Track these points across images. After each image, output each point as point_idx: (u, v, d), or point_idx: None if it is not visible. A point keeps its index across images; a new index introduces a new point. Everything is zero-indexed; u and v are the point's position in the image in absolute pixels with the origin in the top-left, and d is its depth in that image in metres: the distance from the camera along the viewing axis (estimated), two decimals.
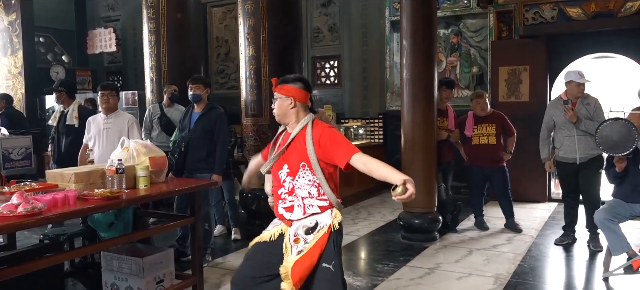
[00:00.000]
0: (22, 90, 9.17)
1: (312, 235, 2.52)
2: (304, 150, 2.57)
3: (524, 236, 5.56)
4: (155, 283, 3.61)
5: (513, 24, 7.61)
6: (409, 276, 4.37)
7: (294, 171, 2.60)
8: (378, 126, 8.66)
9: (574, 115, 4.88)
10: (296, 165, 2.59)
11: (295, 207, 2.60)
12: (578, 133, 4.92)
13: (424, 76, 5.26)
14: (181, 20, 6.67)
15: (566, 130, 5.01)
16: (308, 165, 2.56)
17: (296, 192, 2.59)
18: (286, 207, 2.63)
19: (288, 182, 2.61)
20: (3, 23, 9.29)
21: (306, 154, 2.56)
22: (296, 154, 2.60)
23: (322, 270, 2.47)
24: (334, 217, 2.56)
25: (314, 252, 2.48)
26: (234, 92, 8.23)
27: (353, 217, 6.71)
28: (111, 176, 3.23)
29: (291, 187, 2.60)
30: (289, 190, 2.61)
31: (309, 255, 2.47)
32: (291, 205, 2.61)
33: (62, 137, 5.69)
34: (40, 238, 4.24)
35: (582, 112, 4.92)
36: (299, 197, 2.59)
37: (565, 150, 5.04)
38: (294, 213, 2.60)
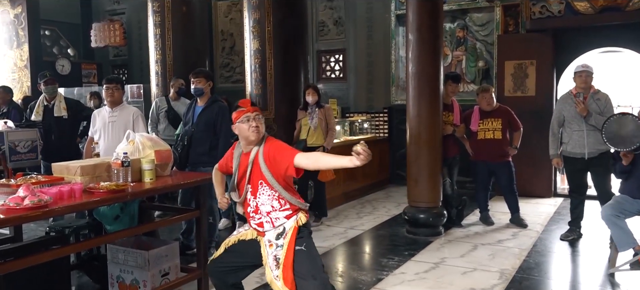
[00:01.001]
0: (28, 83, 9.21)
1: (283, 239, 2.77)
2: (259, 168, 2.79)
3: (530, 231, 5.54)
4: (161, 276, 3.62)
5: (519, 17, 7.55)
6: (414, 270, 4.37)
7: (255, 190, 2.83)
8: (383, 120, 8.64)
9: (585, 108, 4.84)
10: (255, 184, 2.82)
11: (265, 223, 2.84)
12: (587, 128, 4.88)
13: (430, 70, 5.24)
14: (186, 13, 6.67)
15: (575, 124, 4.97)
16: (265, 181, 2.78)
17: (260, 208, 2.82)
18: (257, 223, 2.87)
19: (252, 201, 2.86)
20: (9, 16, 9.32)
21: (261, 172, 2.77)
22: (254, 173, 2.81)
23: (297, 254, 2.74)
24: (298, 219, 2.81)
25: (289, 252, 2.73)
26: (239, 86, 8.23)
27: (358, 212, 6.71)
28: (117, 169, 3.24)
29: (255, 205, 2.84)
30: (255, 209, 2.85)
31: (288, 254, 2.73)
32: (260, 222, 2.85)
33: (51, 131, 5.66)
34: (46, 230, 4.26)
35: (592, 107, 4.88)
36: (263, 213, 2.82)
37: (573, 145, 5.00)
38: (264, 228, 2.85)
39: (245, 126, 2.80)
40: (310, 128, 5.72)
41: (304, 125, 5.79)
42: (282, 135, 6.07)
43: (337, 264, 4.77)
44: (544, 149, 7.20)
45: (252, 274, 4.23)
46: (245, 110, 2.83)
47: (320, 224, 5.93)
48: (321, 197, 5.95)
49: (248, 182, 2.83)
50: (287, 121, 6.04)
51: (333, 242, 5.28)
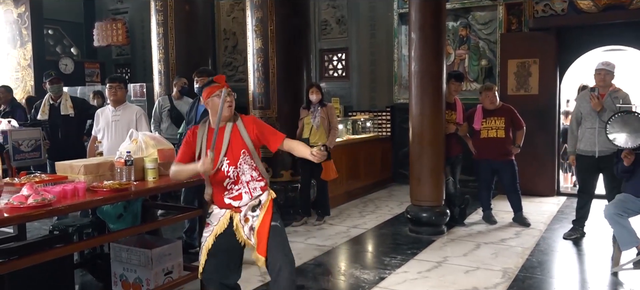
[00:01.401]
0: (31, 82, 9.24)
1: (258, 210, 2.88)
2: (240, 139, 2.89)
3: (532, 230, 5.54)
4: (164, 274, 3.63)
5: (522, 16, 7.54)
6: (417, 269, 4.37)
7: (235, 160, 2.87)
8: (386, 119, 8.63)
9: (599, 103, 4.77)
10: (237, 154, 2.87)
11: (243, 194, 2.88)
12: (600, 125, 4.79)
13: (433, 69, 5.24)
14: (189, 12, 6.67)
15: (589, 122, 4.91)
16: (247, 151, 2.89)
17: (241, 178, 2.88)
18: (234, 196, 2.89)
19: (232, 171, 2.87)
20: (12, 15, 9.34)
21: (243, 142, 2.88)
22: (234, 144, 2.88)
23: (273, 228, 2.85)
24: (270, 193, 2.98)
25: (265, 220, 2.84)
26: (242, 85, 8.22)
27: (360, 210, 6.71)
28: (120, 168, 3.25)
29: (236, 175, 2.87)
30: (235, 179, 2.88)
31: (264, 223, 2.83)
32: (239, 193, 2.88)
33: (58, 130, 5.69)
34: (50, 229, 4.27)
35: (609, 105, 4.78)
36: (244, 182, 2.88)
37: (585, 142, 4.96)
38: (242, 200, 2.88)
39: (220, 101, 2.83)
40: (313, 127, 5.72)
41: (306, 124, 5.79)
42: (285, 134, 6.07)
43: (340, 263, 4.78)
44: (547, 148, 7.24)
45: (254, 273, 4.26)
46: (220, 86, 2.88)
47: (323, 223, 5.94)
48: (324, 196, 5.95)
49: (225, 155, 2.84)
50: (289, 120, 6.04)
51: (336, 241, 5.28)
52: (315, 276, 4.26)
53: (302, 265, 4.53)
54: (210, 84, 2.91)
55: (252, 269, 4.35)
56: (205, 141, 2.87)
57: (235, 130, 2.90)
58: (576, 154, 5.11)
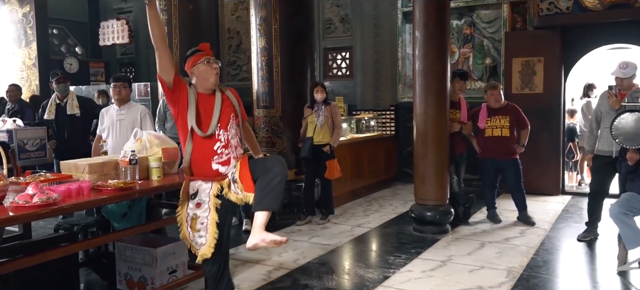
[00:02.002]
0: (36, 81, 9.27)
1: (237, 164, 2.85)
2: (231, 105, 2.93)
3: (537, 229, 5.52)
4: (168, 273, 3.64)
5: (527, 14, 7.51)
6: (421, 268, 4.36)
7: (226, 124, 2.87)
8: (390, 118, 8.62)
9: (617, 101, 4.67)
10: (227, 118, 2.88)
11: (231, 159, 2.85)
12: None
13: (437, 68, 5.23)
14: (193, 11, 6.67)
15: (607, 121, 4.76)
16: (236, 118, 2.94)
17: (231, 142, 2.87)
18: (222, 161, 2.84)
19: (222, 135, 2.85)
20: (17, 15, 9.37)
21: (234, 109, 2.94)
22: (226, 109, 2.89)
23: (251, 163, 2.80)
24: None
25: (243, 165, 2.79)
26: (246, 84, 8.23)
27: (364, 209, 6.70)
28: (124, 167, 3.26)
29: (226, 139, 2.85)
30: (225, 143, 2.85)
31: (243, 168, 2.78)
32: (228, 158, 2.85)
33: (64, 129, 5.71)
34: (55, 228, 4.29)
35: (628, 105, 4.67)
36: (232, 146, 2.87)
37: (603, 142, 4.88)
38: (229, 166, 2.85)
39: (207, 68, 2.85)
40: (317, 126, 5.72)
41: (310, 122, 5.79)
42: (289, 133, 6.08)
43: (344, 262, 4.77)
44: (552, 147, 7.21)
45: (258, 272, 4.27)
46: (205, 53, 2.88)
47: (327, 222, 5.94)
48: (328, 195, 5.95)
49: (218, 121, 2.83)
50: (293, 119, 6.04)
51: (340, 240, 5.28)
52: (319, 275, 4.26)
53: (306, 264, 4.53)
54: (195, 53, 2.90)
55: (257, 268, 4.36)
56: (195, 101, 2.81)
57: (225, 97, 2.94)
58: (595, 154, 5.00)
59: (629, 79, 4.73)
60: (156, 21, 2.79)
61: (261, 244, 2.60)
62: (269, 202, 2.62)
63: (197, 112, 2.81)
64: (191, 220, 2.89)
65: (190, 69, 2.89)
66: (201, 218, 2.87)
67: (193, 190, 2.89)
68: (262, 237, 2.59)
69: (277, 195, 2.63)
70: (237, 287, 3.98)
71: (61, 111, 5.72)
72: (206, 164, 2.83)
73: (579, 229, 5.31)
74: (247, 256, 4.69)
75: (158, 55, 2.80)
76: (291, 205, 6.12)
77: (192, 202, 2.89)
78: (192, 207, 2.88)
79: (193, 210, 2.88)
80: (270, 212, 2.65)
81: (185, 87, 2.86)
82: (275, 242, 2.59)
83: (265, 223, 2.62)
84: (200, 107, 2.84)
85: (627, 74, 4.71)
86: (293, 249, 4.97)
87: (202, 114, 2.83)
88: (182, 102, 2.83)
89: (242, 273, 4.28)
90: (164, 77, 2.82)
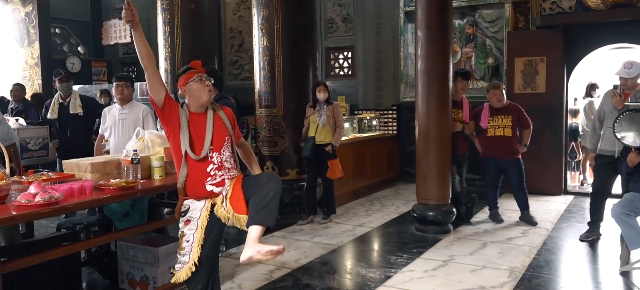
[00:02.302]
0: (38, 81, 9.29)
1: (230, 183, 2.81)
2: (224, 127, 2.86)
3: (539, 229, 5.51)
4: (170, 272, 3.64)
5: (530, 14, 7.50)
6: (423, 268, 4.36)
7: (219, 146, 2.81)
8: (392, 118, 8.62)
9: (620, 101, 4.64)
10: (220, 140, 2.82)
11: (226, 180, 2.80)
12: None
13: (439, 67, 5.22)
14: (195, 11, 6.67)
15: (610, 120, 4.77)
16: (229, 140, 2.87)
17: (224, 165, 2.81)
18: (217, 182, 2.78)
19: (216, 157, 2.80)
20: (20, 14, 9.39)
21: (227, 131, 2.87)
22: (218, 131, 2.83)
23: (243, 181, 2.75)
24: None
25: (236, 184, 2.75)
26: (248, 83, 8.23)
27: (366, 209, 6.70)
28: (126, 166, 3.26)
29: (220, 161, 2.80)
30: (219, 165, 2.79)
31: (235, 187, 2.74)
32: (222, 179, 2.79)
33: (67, 129, 5.72)
34: (57, 227, 4.30)
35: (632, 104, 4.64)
36: (226, 169, 2.81)
37: (606, 142, 4.87)
38: (224, 186, 2.79)
39: (200, 85, 2.81)
40: (319, 125, 5.72)
41: (312, 122, 5.79)
42: (291, 133, 6.08)
43: (346, 262, 4.77)
44: (554, 146, 7.20)
45: (260, 271, 4.27)
46: (197, 71, 2.86)
47: (329, 222, 5.93)
48: (330, 195, 5.95)
49: (211, 143, 2.77)
50: (295, 118, 6.04)
51: (342, 240, 5.28)
52: (321, 275, 4.26)
53: (308, 263, 4.53)
54: (186, 71, 2.88)
55: (259, 268, 4.36)
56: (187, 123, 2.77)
57: (218, 118, 2.87)
58: (597, 154, 5.00)
59: (634, 79, 4.71)
60: (142, 42, 2.76)
61: (256, 256, 2.51)
62: (262, 217, 2.58)
63: (189, 134, 2.77)
64: (180, 237, 2.81)
65: (183, 87, 2.84)
66: (187, 236, 2.77)
67: (185, 208, 2.82)
68: (257, 250, 2.51)
69: (271, 211, 2.58)
70: (239, 287, 3.99)
71: (64, 110, 5.74)
72: (200, 185, 2.77)
73: (582, 229, 5.30)
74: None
75: (147, 76, 2.79)
76: (293, 204, 6.12)
77: (182, 219, 2.82)
78: (181, 225, 2.81)
79: (182, 227, 2.81)
80: (264, 227, 2.59)
81: (176, 107, 2.82)
82: (272, 253, 2.52)
83: (259, 237, 2.56)
84: (192, 128, 2.79)
85: (632, 74, 4.69)
86: (295, 248, 4.97)
87: (194, 135, 2.78)
88: (173, 122, 2.79)
89: (244, 272, 4.28)
90: (154, 97, 2.80)
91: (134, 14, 2.67)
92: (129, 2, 2.63)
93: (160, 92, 2.79)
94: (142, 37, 2.78)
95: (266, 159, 6.17)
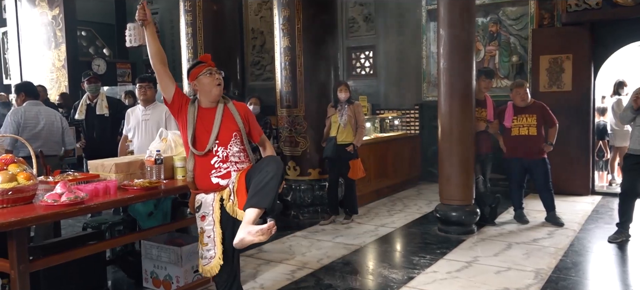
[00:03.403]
0: (65, 82, 9.47)
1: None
2: (233, 122, 2.86)
3: (566, 230, 5.40)
4: (193, 272, 3.67)
5: (555, 10, 7.36)
6: (446, 269, 4.30)
7: (226, 142, 2.81)
8: (414, 117, 8.55)
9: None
10: (228, 136, 2.82)
11: (232, 173, 2.80)
12: None
13: (462, 66, 5.16)
14: (217, 12, 6.71)
15: (639, 119, 4.76)
16: (239, 135, 2.86)
17: (230, 158, 2.81)
18: (222, 175, 2.80)
19: (221, 151, 2.81)
20: (47, 17, 9.59)
21: (236, 126, 2.86)
22: (226, 125, 2.83)
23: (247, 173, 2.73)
24: None
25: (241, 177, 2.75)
26: (269, 84, 8.26)
27: (389, 209, 6.66)
28: (150, 167, 3.29)
29: (225, 155, 2.81)
30: (224, 159, 2.81)
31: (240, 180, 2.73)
32: (227, 171, 2.80)
33: (93, 129, 5.82)
34: (83, 226, 4.37)
35: None
36: (232, 162, 2.81)
37: (634, 141, 4.80)
38: (231, 178, 2.80)
39: (210, 79, 2.82)
40: (340, 125, 5.70)
41: (333, 122, 5.77)
42: (312, 133, 6.08)
43: (368, 262, 4.75)
44: (581, 145, 7.05)
45: (282, 272, 4.27)
46: (207, 64, 2.87)
47: (351, 222, 5.91)
48: (352, 195, 5.93)
49: (216, 138, 2.78)
50: (316, 118, 6.04)
51: (364, 240, 5.25)
52: (343, 275, 4.24)
53: (330, 263, 4.52)
54: (196, 65, 2.89)
55: (279, 268, 4.37)
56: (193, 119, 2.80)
57: (227, 112, 2.87)
58: (626, 153, 4.92)
59: None
60: (153, 41, 2.85)
61: (248, 238, 2.49)
62: (257, 199, 2.53)
63: (194, 130, 2.80)
64: (200, 234, 2.86)
65: (193, 82, 2.87)
66: (207, 231, 2.82)
67: (198, 203, 2.87)
68: (247, 231, 2.49)
69: (267, 193, 2.53)
70: (261, 287, 4.00)
71: (91, 111, 5.84)
72: (206, 178, 2.81)
73: (610, 231, 5.17)
74: (270, 256, 4.70)
75: (157, 74, 2.85)
76: (315, 204, 6.11)
77: (197, 215, 2.87)
78: (198, 221, 2.86)
79: (199, 223, 2.85)
80: (260, 210, 2.54)
81: (186, 102, 2.86)
82: (262, 232, 2.47)
83: (253, 220, 2.52)
84: (199, 124, 2.81)
85: None
86: (317, 248, 4.96)
87: (200, 130, 2.81)
88: (183, 116, 2.85)
89: (266, 272, 4.29)
90: (164, 93, 2.85)
91: (146, 14, 2.81)
92: (143, 3, 2.74)
93: (170, 88, 2.85)
94: (154, 35, 2.87)
95: (288, 159, 6.18)
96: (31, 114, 4.80)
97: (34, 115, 4.82)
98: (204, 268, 2.83)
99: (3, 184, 2.60)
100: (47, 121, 4.88)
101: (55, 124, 4.95)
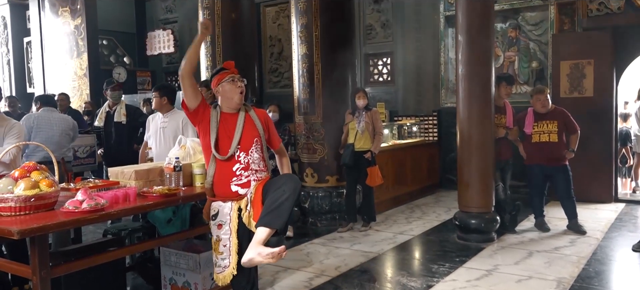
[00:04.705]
0: (87, 91, 9.62)
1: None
2: (254, 128, 2.89)
3: (589, 238, 5.30)
4: (211, 278, 3.67)
5: (575, 15, 7.27)
6: (465, 278, 4.25)
7: (247, 147, 2.84)
8: (432, 124, 8.49)
9: None
10: (249, 141, 2.85)
11: (252, 182, 2.82)
12: None
13: (481, 72, 5.11)
14: (235, 20, 6.78)
15: None
16: (259, 141, 2.89)
17: (251, 166, 2.83)
18: (242, 183, 2.81)
19: (242, 158, 2.83)
20: (69, 27, 9.76)
21: (257, 132, 2.90)
22: (248, 131, 2.86)
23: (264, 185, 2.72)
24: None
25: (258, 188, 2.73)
26: (287, 91, 8.29)
27: (407, 216, 6.61)
28: (169, 174, 3.32)
29: (247, 162, 2.83)
30: (245, 166, 2.82)
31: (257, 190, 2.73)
32: (248, 180, 2.82)
33: (111, 136, 5.91)
34: (103, 232, 4.42)
35: None
36: (253, 170, 2.84)
37: None
38: (250, 188, 2.80)
39: (232, 86, 2.84)
40: (358, 132, 5.69)
41: (351, 129, 5.77)
42: (330, 140, 6.08)
43: (386, 270, 4.72)
44: (604, 152, 6.93)
45: (300, 279, 4.26)
46: (230, 71, 2.88)
47: (369, 229, 5.88)
48: (370, 202, 5.90)
49: (238, 143, 2.81)
50: (334, 125, 6.04)
51: (382, 247, 5.22)
52: (361, 283, 4.22)
53: (347, 271, 4.50)
54: (220, 72, 2.91)
55: (297, 275, 4.36)
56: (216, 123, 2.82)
57: (249, 119, 2.91)
58: None
59: None
60: (195, 54, 2.84)
61: (257, 258, 2.47)
62: (270, 219, 2.50)
63: (217, 135, 2.83)
64: (214, 242, 2.87)
65: (216, 88, 2.89)
66: (224, 240, 2.82)
67: (214, 211, 2.87)
68: (258, 251, 2.47)
69: (281, 214, 2.51)
70: None
71: (110, 119, 5.93)
72: (226, 185, 2.82)
73: (634, 239, 5.06)
74: (288, 263, 4.69)
75: (183, 88, 2.84)
76: (332, 211, 6.10)
77: (213, 223, 2.87)
78: (214, 229, 2.86)
79: (215, 232, 2.85)
80: (271, 230, 2.50)
81: (208, 108, 2.89)
82: (273, 255, 2.44)
83: (264, 240, 2.50)
84: (222, 129, 2.84)
85: None
86: (335, 256, 4.95)
87: (223, 135, 2.83)
88: (205, 123, 2.87)
89: (284, 280, 4.29)
90: (189, 105, 2.87)
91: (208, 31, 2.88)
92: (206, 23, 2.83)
93: (195, 101, 2.86)
94: (198, 51, 2.90)
95: (305, 166, 6.19)
96: (44, 120, 4.98)
97: (47, 120, 4.99)
98: (217, 276, 2.85)
99: (26, 190, 2.64)
100: (59, 128, 5.04)
101: (66, 131, 5.10)
